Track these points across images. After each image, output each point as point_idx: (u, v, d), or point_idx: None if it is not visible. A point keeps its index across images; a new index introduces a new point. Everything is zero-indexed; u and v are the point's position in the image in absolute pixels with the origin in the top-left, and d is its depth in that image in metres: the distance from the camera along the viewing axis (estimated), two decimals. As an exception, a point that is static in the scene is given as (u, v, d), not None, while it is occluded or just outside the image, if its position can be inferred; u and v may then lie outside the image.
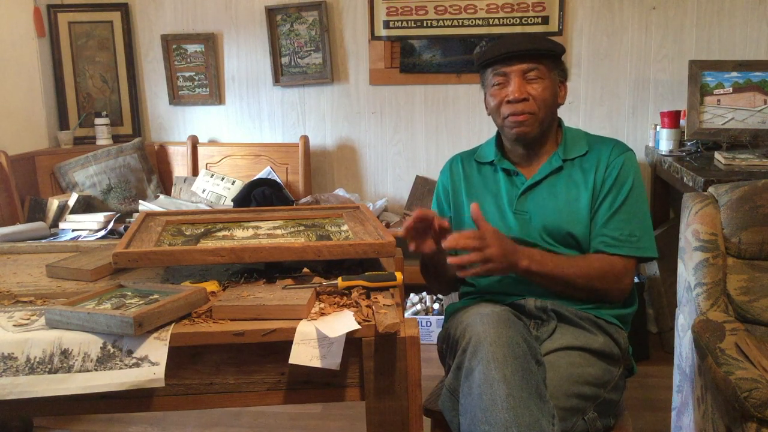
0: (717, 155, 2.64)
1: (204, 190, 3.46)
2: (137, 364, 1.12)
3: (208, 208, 3.15)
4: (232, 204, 3.26)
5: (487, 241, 1.41)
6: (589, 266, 1.55)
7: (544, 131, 1.66)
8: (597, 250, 1.59)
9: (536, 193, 1.65)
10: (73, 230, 2.98)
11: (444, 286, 1.81)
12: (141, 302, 1.21)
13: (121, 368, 1.12)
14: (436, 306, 3.18)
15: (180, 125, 3.81)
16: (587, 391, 1.44)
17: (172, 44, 3.70)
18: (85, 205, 3.25)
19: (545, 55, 1.62)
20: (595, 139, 1.72)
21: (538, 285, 1.55)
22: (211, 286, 1.32)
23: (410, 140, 3.63)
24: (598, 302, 1.59)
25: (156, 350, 1.12)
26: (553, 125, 1.70)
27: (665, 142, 3.00)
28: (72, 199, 3.18)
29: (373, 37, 3.54)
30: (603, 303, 1.60)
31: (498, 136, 1.76)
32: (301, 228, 1.56)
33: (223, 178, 3.48)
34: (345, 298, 1.28)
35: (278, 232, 1.53)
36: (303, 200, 3.36)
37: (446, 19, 3.45)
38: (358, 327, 1.15)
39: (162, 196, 3.45)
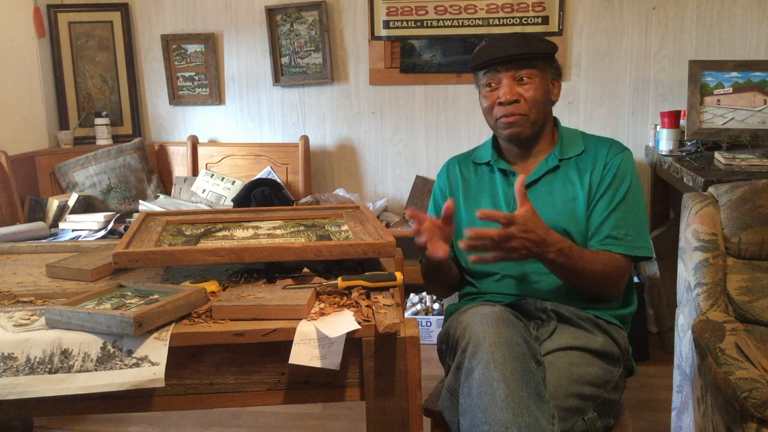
0: (717, 155, 2.64)
1: (204, 190, 3.46)
2: (137, 364, 1.12)
3: (208, 208, 3.15)
4: (232, 204, 3.26)
5: (511, 232, 1.40)
6: (603, 263, 1.54)
7: (538, 131, 1.67)
8: (594, 249, 1.59)
9: (533, 193, 1.65)
10: (73, 230, 2.98)
11: (446, 289, 1.81)
12: (141, 302, 1.21)
13: (121, 368, 1.12)
14: (436, 306, 3.18)
15: (180, 125, 3.81)
16: (587, 391, 1.44)
17: (172, 44, 3.70)
18: (85, 205, 3.25)
19: (536, 56, 1.63)
20: (591, 138, 1.72)
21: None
22: (211, 286, 1.32)
23: (410, 140, 3.63)
24: (596, 300, 1.59)
25: (156, 350, 1.12)
26: (548, 124, 1.70)
27: (665, 142, 3.00)
28: (72, 199, 3.18)
29: (373, 37, 3.54)
30: (599, 301, 1.60)
31: (494, 136, 1.77)
32: (301, 228, 1.56)
33: (223, 178, 3.48)
34: (345, 298, 1.28)
35: (278, 232, 1.53)
36: (303, 200, 3.36)
37: (446, 19, 3.44)
38: (358, 327, 1.15)
39: (162, 196, 3.45)
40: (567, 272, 1.52)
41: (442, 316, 2.53)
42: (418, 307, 3.19)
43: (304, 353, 1.14)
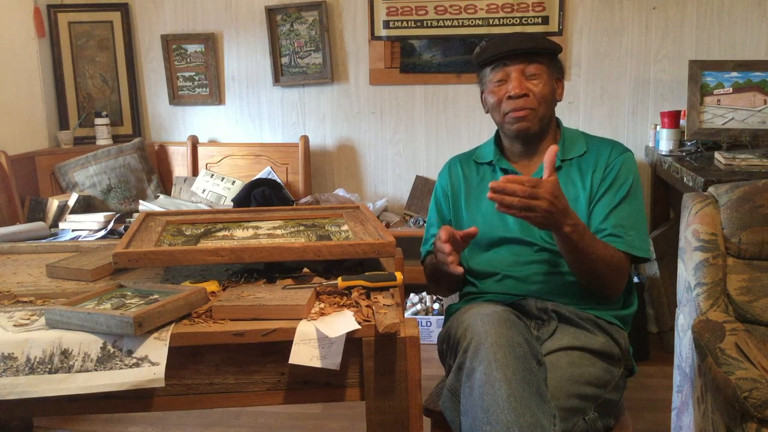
0: (717, 155, 2.64)
1: (204, 190, 3.46)
2: (137, 364, 1.12)
3: (208, 208, 3.15)
4: (232, 204, 3.26)
5: (539, 192, 1.37)
6: (610, 253, 1.53)
7: (544, 128, 1.67)
8: None
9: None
10: (73, 230, 2.97)
11: (449, 290, 1.81)
12: (141, 302, 1.21)
13: (121, 368, 1.12)
14: (436, 306, 3.18)
15: (180, 125, 3.81)
16: (588, 391, 1.44)
17: (172, 44, 3.70)
18: (85, 205, 3.25)
19: (543, 53, 1.64)
20: (593, 139, 1.72)
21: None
22: (211, 286, 1.32)
23: (410, 140, 3.63)
24: (595, 298, 1.59)
25: (156, 350, 1.12)
26: (552, 123, 1.71)
27: (665, 142, 3.00)
28: (72, 199, 3.18)
29: (373, 37, 3.53)
30: (599, 300, 1.59)
31: (497, 136, 1.77)
32: (301, 228, 1.56)
33: (223, 178, 3.48)
34: (345, 298, 1.28)
35: (278, 232, 1.53)
36: (303, 200, 3.36)
37: (446, 19, 3.44)
38: (358, 327, 1.15)
39: (162, 196, 3.45)
40: (577, 252, 1.49)
41: (442, 316, 2.53)
42: (418, 307, 3.19)
43: (304, 353, 1.14)
